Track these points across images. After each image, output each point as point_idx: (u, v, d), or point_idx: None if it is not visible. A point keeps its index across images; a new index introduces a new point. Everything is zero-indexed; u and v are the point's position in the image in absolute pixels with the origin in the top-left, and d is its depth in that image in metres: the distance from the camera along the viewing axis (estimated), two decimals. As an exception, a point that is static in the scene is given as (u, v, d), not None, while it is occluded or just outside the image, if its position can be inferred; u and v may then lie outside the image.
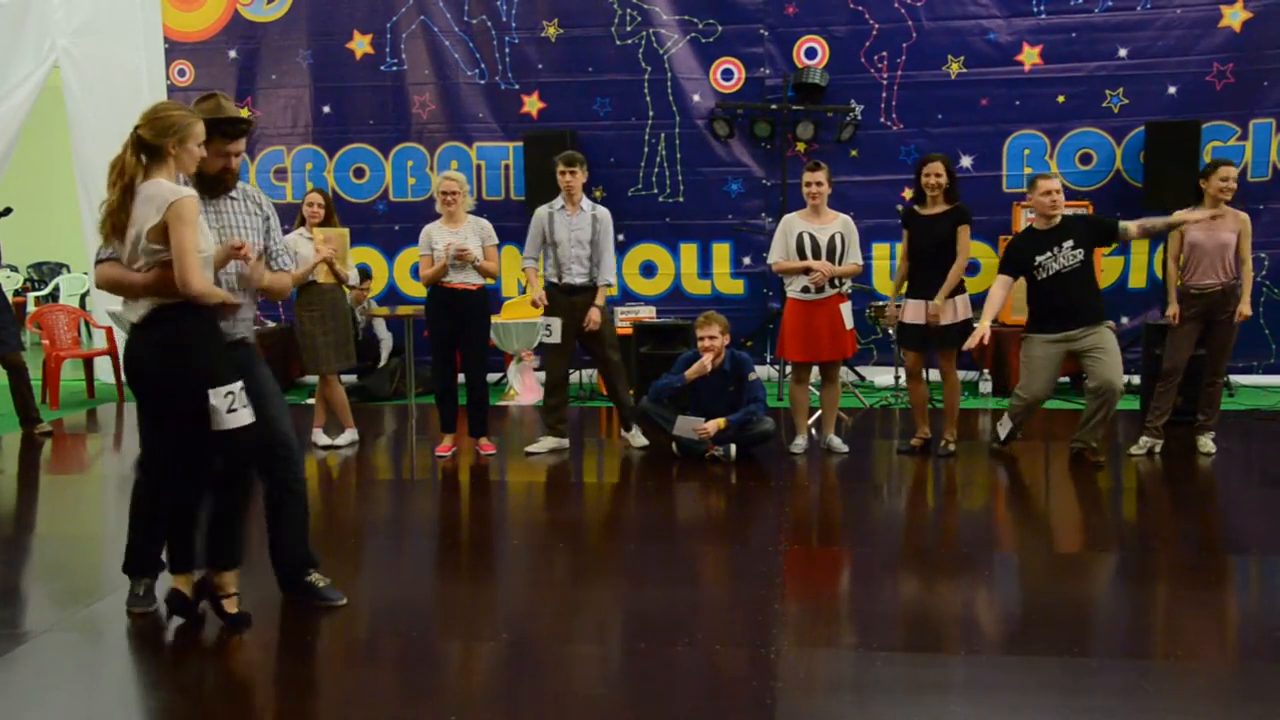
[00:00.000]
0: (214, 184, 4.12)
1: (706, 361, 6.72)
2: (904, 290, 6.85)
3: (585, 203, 7.03)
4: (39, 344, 10.25)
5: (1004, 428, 6.81)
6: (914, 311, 6.73)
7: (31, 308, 13.36)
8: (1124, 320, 9.14)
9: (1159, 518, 5.78)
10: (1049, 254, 6.40)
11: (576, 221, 6.96)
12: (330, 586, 4.40)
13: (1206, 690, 3.55)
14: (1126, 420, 7.84)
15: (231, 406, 3.88)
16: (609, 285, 7.06)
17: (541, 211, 7.06)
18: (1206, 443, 6.79)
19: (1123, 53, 8.98)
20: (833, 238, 6.73)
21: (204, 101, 4.09)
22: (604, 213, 7.06)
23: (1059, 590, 4.61)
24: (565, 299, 6.96)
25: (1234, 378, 8.72)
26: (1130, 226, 6.44)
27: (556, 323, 6.97)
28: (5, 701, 3.60)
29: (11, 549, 5.39)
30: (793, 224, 6.84)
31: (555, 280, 7.03)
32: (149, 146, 3.79)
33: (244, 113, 4.34)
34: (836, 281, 6.78)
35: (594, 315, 6.92)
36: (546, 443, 7.16)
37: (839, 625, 4.26)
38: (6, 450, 7.51)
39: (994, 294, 6.53)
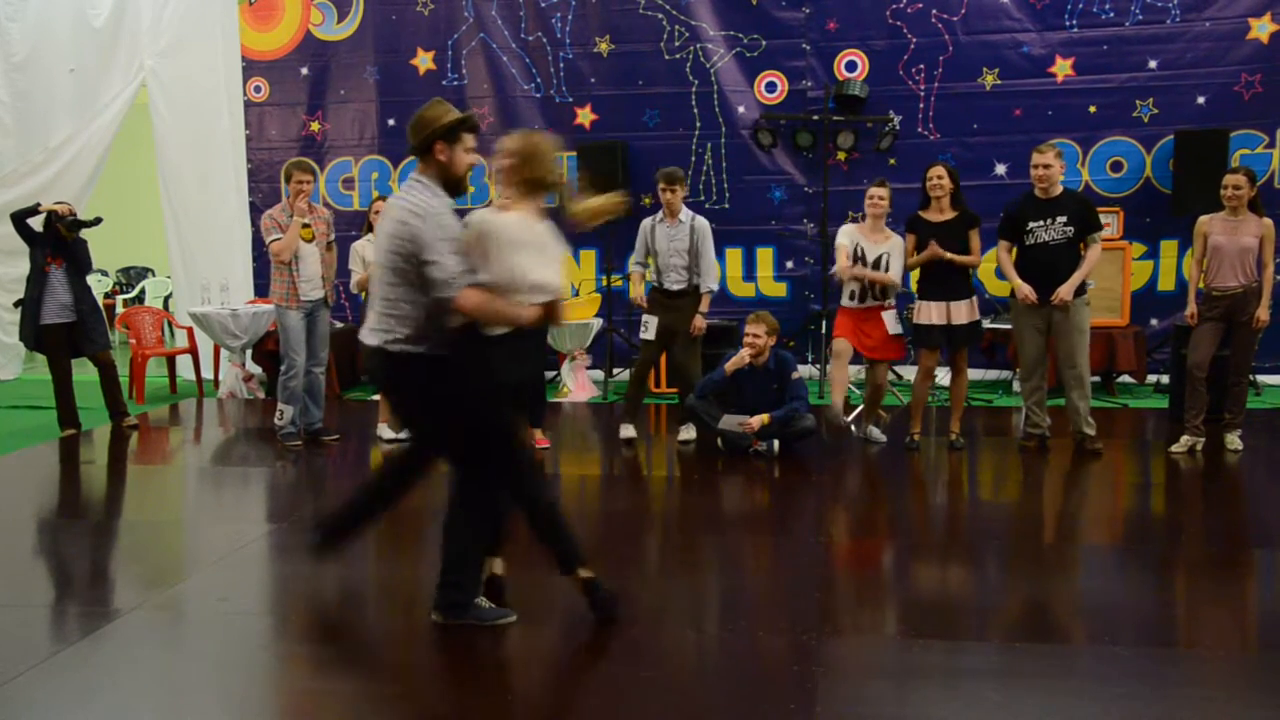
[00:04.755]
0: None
1: (745, 354, 6.70)
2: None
3: (684, 214, 7.09)
4: (126, 343, 10.44)
5: (1023, 420, 6.77)
6: (928, 312, 6.71)
7: (120, 309, 13.60)
8: (1153, 322, 8.99)
9: (1186, 512, 5.68)
10: (1042, 223, 6.49)
11: (675, 232, 7.04)
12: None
13: (1233, 679, 3.50)
14: (1157, 418, 7.73)
15: None
16: (710, 291, 7.09)
17: (646, 223, 7.20)
18: (1233, 440, 6.67)
19: (1152, 64, 8.84)
20: (880, 257, 6.69)
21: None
22: (702, 222, 7.10)
23: (1089, 581, 4.56)
24: (665, 301, 7.09)
25: (1261, 378, 8.55)
26: (1095, 246, 6.53)
27: (653, 320, 7.10)
28: (96, 673, 3.67)
29: (101, 534, 5.50)
30: (852, 235, 6.79)
31: (657, 284, 7.18)
32: None
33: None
34: (877, 294, 6.74)
35: (698, 323, 6.99)
36: (628, 429, 7.26)
37: (877, 613, 4.23)
38: (96, 442, 7.65)
39: (1003, 260, 6.71)
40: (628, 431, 7.27)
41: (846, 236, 6.80)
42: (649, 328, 7.15)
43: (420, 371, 3.79)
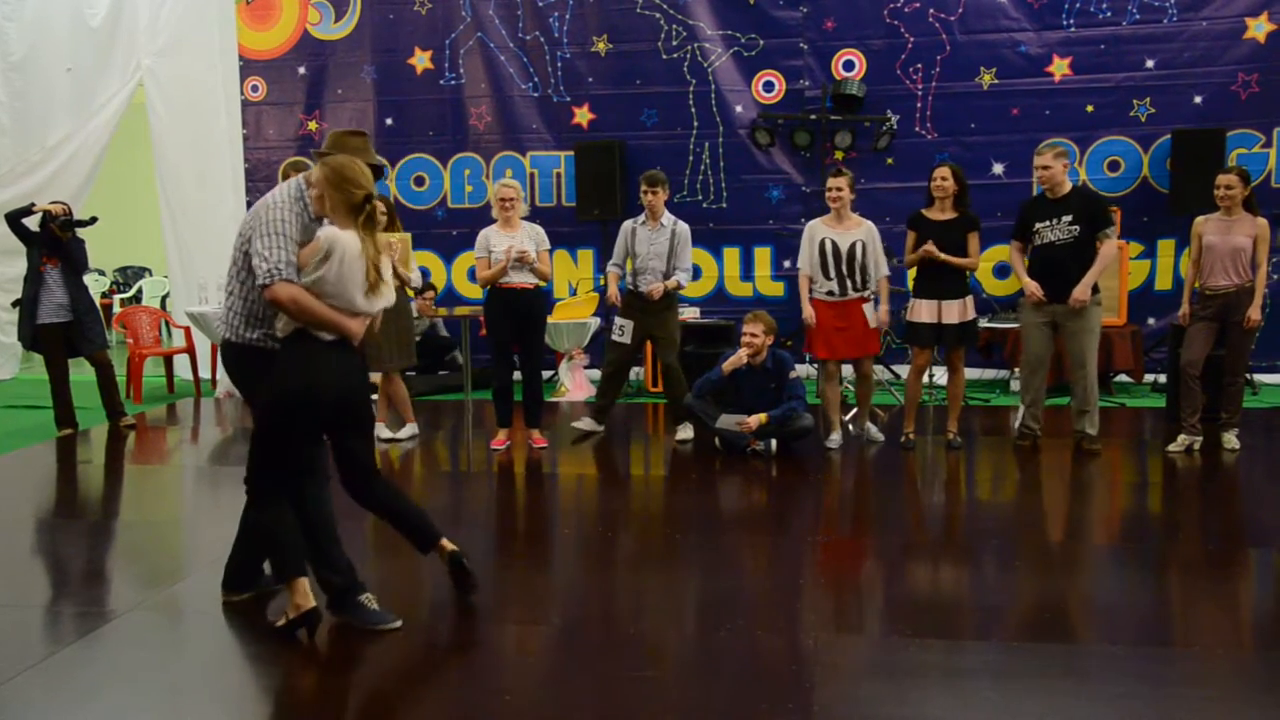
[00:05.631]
0: None
1: (743, 354, 6.70)
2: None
3: (666, 218, 7.13)
4: (124, 343, 10.42)
5: (1019, 419, 6.76)
6: (920, 310, 6.71)
7: (117, 309, 13.58)
8: (1150, 321, 9.00)
9: (1184, 511, 5.69)
10: (1048, 223, 6.49)
11: (656, 236, 7.08)
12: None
13: (1230, 679, 3.50)
14: (1154, 418, 7.74)
15: None
16: (679, 285, 7.14)
17: (627, 225, 7.26)
18: (1230, 439, 6.67)
19: (1150, 63, 8.84)
20: (853, 245, 6.69)
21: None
22: (683, 227, 7.15)
23: (1087, 581, 4.56)
24: (642, 305, 7.10)
25: (1258, 376, 8.57)
26: (1109, 242, 6.45)
27: (629, 325, 7.10)
28: (92, 675, 3.66)
29: (98, 534, 5.49)
30: (816, 230, 6.82)
31: (632, 288, 7.19)
32: None
33: None
34: (857, 285, 6.74)
35: (655, 287, 7.02)
36: (586, 422, 7.41)
37: (875, 612, 4.23)
38: (94, 442, 7.64)
39: (1014, 260, 6.80)
40: (589, 424, 7.38)
41: (811, 241, 6.81)
42: (625, 331, 7.15)
43: (252, 361, 3.96)
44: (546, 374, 8.47)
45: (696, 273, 9.65)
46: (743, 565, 4.86)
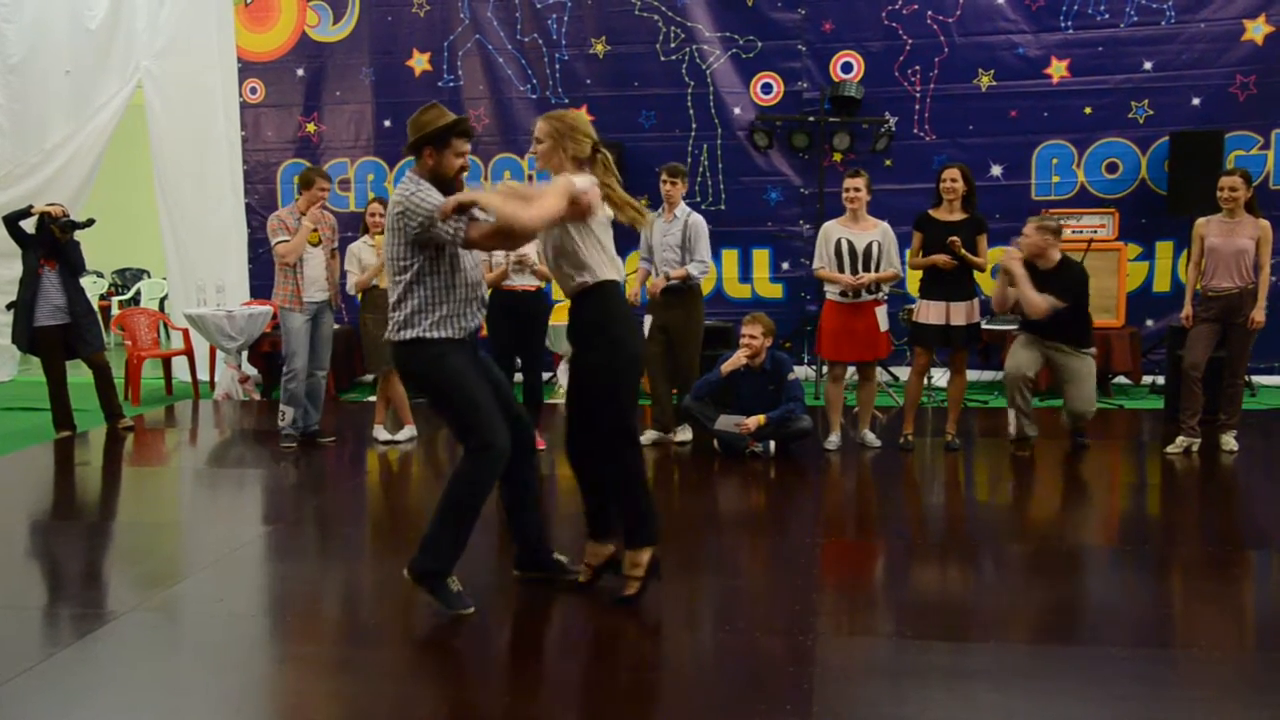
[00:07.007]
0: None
1: (741, 356, 6.69)
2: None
3: (680, 210, 7.09)
4: (122, 344, 10.41)
5: (1012, 425, 6.74)
6: (928, 312, 6.71)
7: (115, 311, 13.56)
8: (1149, 323, 9.00)
9: (1182, 513, 5.69)
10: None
11: (670, 228, 7.04)
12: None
13: (1229, 680, 3.50)
14: (1152, 419, 7.74)
15: None
16: (690, 277, 6.92)
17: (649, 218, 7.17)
18: (1229, 441, 6.68)
19: (1148, 65, 8.85)
20: (869, 245, 6.68)
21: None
22: (696, 218, 7.08)
23: (1085, 582, 4.56)
24: (661, 300, 7.01)
25: (1256, 378, 8.57)
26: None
27: (646, 320, 7.06)
28: (90, 676, 3.66)
29: (96, 535, 5.48)
30: (831, 231, 6.81)
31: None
32: None
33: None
34: (873, 288, 6.72)
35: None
36: (649, 434, 7.19)
37: (873, 614, 4.23)
38: (92, 444, 7.63)
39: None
40: (653, 435, 7.20)
41: (826, 241, 6.78)
42: (642, 326, 7.12)
43: (418, 355, 4.02)
44: (545, 376, 8.47)
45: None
46: (742, 566, 4.86)
